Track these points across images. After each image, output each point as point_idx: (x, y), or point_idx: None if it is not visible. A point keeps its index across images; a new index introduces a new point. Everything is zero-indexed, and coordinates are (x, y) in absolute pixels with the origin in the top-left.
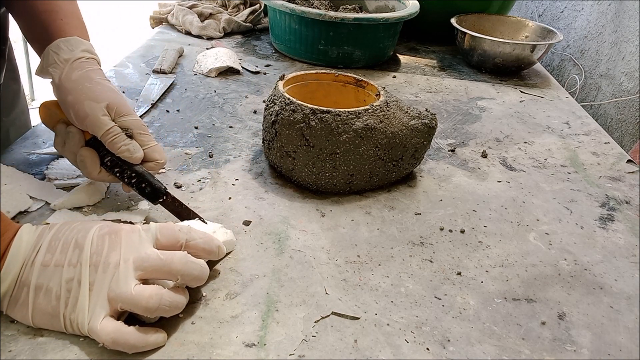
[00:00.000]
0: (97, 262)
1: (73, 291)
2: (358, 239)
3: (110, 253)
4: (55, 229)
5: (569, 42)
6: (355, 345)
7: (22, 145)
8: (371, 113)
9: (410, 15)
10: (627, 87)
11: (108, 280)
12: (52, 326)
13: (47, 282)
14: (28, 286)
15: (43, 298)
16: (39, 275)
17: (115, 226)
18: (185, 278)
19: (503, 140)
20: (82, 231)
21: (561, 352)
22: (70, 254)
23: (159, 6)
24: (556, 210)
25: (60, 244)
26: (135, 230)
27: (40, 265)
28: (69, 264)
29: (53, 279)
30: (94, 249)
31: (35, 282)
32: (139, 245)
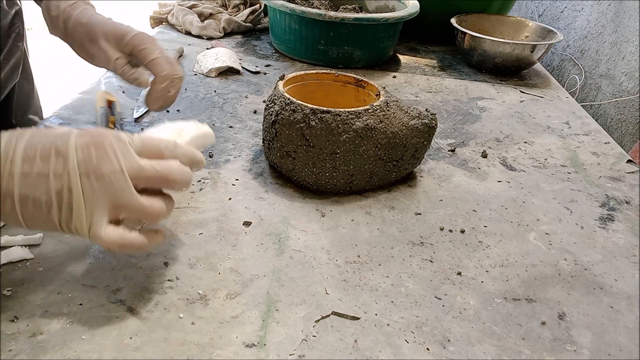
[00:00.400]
0: (87, 171)
1: (65, 199)
2: (358, 239)
3: (101, 163)
4: (26, 137)
5: (569, 42)
6: (355, 345)
7: None
8: (371, 113)
9: (410, 15)
10: (627, 87)
11: (105, 189)
12: (47, 229)
13: (32, 193)
14: (12, 197)
15: (32, 207)
16: (22, 186)
17: (95, 135)
18: (181, 186)
19: (503, 140)
20: (60, 139)
21: (561, 352)
22: (54, 163)
23: (159, 6)
24: (556, 210)
25: (37, 152)
26: (120, 140)
27: (21, 176)
28: (55, 174)
29: (39, 188)
30: (81, 157)
31: (18, 193)
32: (129, 157)
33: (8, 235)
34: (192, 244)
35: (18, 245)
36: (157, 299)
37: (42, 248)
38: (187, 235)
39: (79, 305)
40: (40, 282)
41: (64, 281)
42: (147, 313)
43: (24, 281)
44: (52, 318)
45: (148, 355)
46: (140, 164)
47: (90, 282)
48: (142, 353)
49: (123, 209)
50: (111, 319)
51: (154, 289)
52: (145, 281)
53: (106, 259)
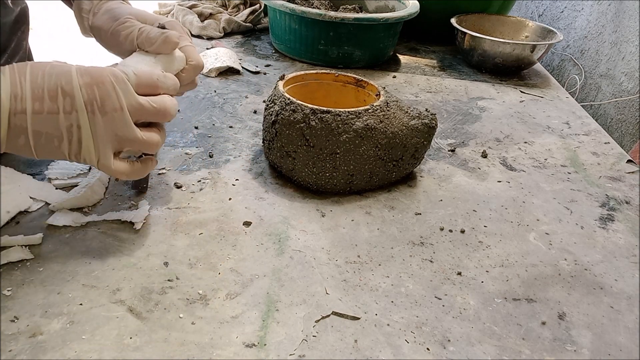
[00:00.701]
0: (93, 110)
1: (75, 135)
2: (358, 239)
3: (105, 101)
4: (29, 76)
5: (569, 42)
6: (355, 346)
7: None
8: (371, 113)
9: (410, 15)
10: (627, 87)
11: (109, 125)
12: (57, 158)
13: (45, 129)
14: (25, 133)
15: (44, 141)
16: (34, 123)
17: (95, 74)
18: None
19: (503, 140)
20: (63, 78)
21: (561, 352)
22: (62, 102)
23: (159, 6)
24: (556, 210)
25: (45, 92)
26: (119, 79)
27: (32, 114)
28: (64, 112)
29: (50, 125)
30: (87, 97)
31: (31, 129)
32: (129, 94)
33: (8, 235)
34: (192, 244)
35: (18, 245)
36: (157, 299)
37: (42, 248)
38: (187, 235)
39: (79, 305)
40: (40, 282)
41: (64, 281)
42: (147, 313)
43: (24, 281)
44: (52, 318)
45: (148, 355)
46: (140, 102)
47: (90, 282)
48: (142, 353)
49: (126, 142)
50: (111, 319)
51: (154, 289)
52: (145, 281)
53: (106, 259)
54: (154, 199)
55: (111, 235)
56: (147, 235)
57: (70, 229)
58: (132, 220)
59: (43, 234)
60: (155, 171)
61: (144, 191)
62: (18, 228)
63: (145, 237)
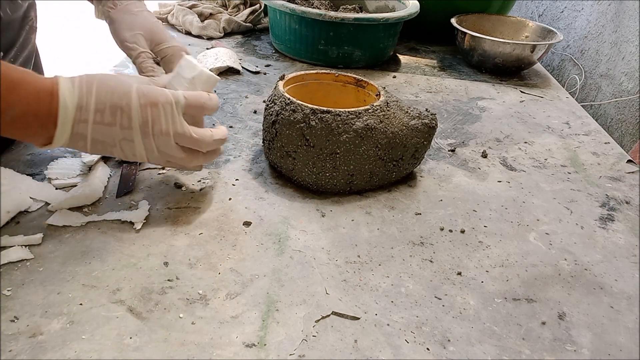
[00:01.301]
0: (146, 131)
1: (127, 146)
2: (358, 239)
3: (155, 125)
4: (95, 90)
5: (569, 42)
6: (355, 346)
7: (23, 145)
8: (371, 113)
9: (410, 15)
10: (627, 87)
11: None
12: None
13: (102, 138)
14: (85, 139)
15: (100, 147)
16: (94, 132)
17: (152, 97)
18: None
19: (503, 140)
20: (124, 97)
21: (561, 352)
22: (119, 118)
23: (159, 6)
24: (556, 210)
25: (107, 107)
26: (169, 104)
27: (93, 124)
28: (121, 127)
29: (108, 135)
30: (141, 119)
31: (91, 136)
32: (175, 121)
33: (8, 236)
34: (192, 244)
35: (18, 245)
36: (157, 299)
37: (42, 248)
38: (187, 235)
39: (79, 305)
40: (40, 282)
41: (64, 281)
42: (147, 313)
43: (24, 281)
44: (52, 318)
45: (148, 355)
46: (182, 130)
47: (90, 282)
48: (142, 353)
49: (169, 158)
50: (111, 319)
51: (154, 289)
52: (145, 281)
53: (106, 259)
54: (154, 199)
55: (111, 235)
56: (147, 235)
57: (70, 229)
58: (132, 220)
59: (43, 234)
60: (155, 171)
61: (130, 192)
62: (18, 228)
63: (145, 237)
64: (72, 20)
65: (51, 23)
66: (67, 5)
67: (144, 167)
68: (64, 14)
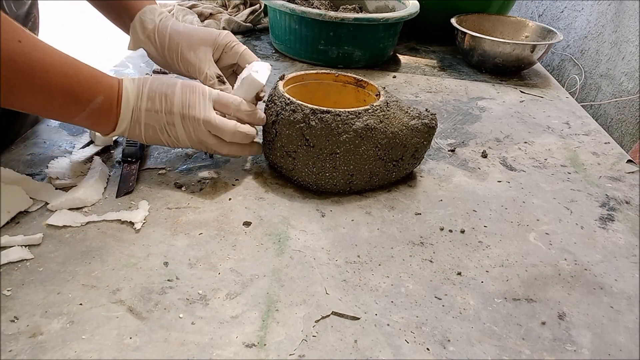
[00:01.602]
0: (184, 114)
1: (171, 130)
2: (358, 239)
3: (190, 110)
4: (149, 83)
5: (569, 42)
6: (355, 346)
7: (23, 145)
8: (371, 113)
9: (410, 15)
10: (627, 87)
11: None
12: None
13: (152, 122)
14: (140, 125)
15: (151, 132)
16: (146, 117)
17: (192, 86)
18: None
19: (503, 140)
20: (170, 87)
21: (561, 352)
22: (165, 104)
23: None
24: (556, 210)
25: (157, 95)
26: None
27: (145, 111)
28: (166, 112)
29: (156, 120)
30: (181, 104)
31: (144, 122)
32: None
33: (8, 236)
34: (192, 244)
35: (18, 245)
36: (157, 299)
37: (42, 248)
38: (187, 235)
39: (79, 305)
40: (40, 282)
41: (64, 281)
42: (147, 313)
43: (24, 281)
44: (52, 318)
45: (148, 355)
46: (208, 117)
47: (90, 282)
48: (142, 353)
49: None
50: (111, 319)
51: (154, 289)
52: (145, 281)
53: (106, 259)
54: (154, 199)
55: (111, 235)
56: (147, 235)
57: (70, 229)
58: (132, 220)
59: (43, 234)
60: (155, 171)
61: (130, 192)
62: (18, 228)
63: (145, 237)
64: (72, 20)
65: (51, 23)
66: (67, 5)
67: (144, 167)
68: (64, 14)
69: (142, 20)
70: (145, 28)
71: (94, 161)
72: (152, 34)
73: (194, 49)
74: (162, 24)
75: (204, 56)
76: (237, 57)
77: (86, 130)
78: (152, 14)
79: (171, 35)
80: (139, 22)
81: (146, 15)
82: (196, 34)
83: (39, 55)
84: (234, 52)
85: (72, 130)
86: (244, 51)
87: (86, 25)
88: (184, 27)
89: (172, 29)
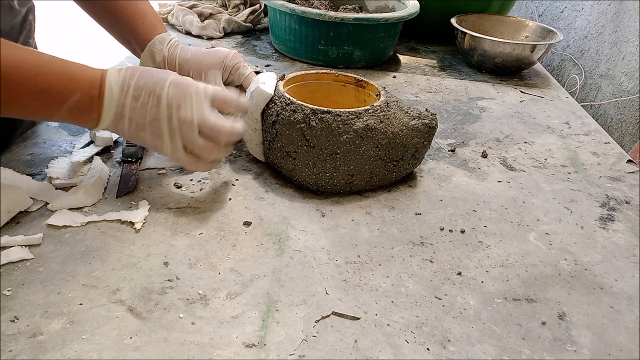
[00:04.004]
0: (170, 114)
1: (155, 128)
2: (358, 239)
3: (180, 110)
4: (137, 76)
5: (569, 42)
6: (355, 346)
7: (23, 145)
8: (371, 113)
9: (410, 15)
10: (627, 87)
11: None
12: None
13: (136, 118)
14: (124, 119)
15: (135, 127)
16: (131, 113)
17: (183, 86)
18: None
19: (503, 140)
20: (159, 84)
21: (561, 352)
22: (151, 101)
23: (159, 6)
24: (556, 210)
25: (143, 92)
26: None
27: (130, 107)
28: (151, 107)
29: (140, 116)
30: (168, 103)
31: (128, 116)
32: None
33: (8, 236)
34: (192, 244)
35: (18, 245)
36: (157, 299)
37: (42, 248)
38: (187, 235)
39: (79, 305)
40: (40, 282)
41: (64, 281)
42: (147, 313)
43: (24, 281)
44: (52, 318)
45: (148, 355)
46: (204, 118)
47: (90, 282)
48: (142, 353)
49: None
50: (111, 319)
51: (154, 289)
52: (145, 281)
53: (106, 259)
54: (154, 199)
55: (111, 235)
56: (147, 235)
57: (70, 229)
58: (132, 220)
59: (43, 234)
60: (155, 171)
61: (130, 192)
62: (18, 228)
63: (145, 237)
64: (71, 20)
65: (51, 23)
66: (67, 5)
67: (144, 167)
68: (63, 13)
69: (151, 51)
70: (155, 60)
71: (94, 161)
72: (161, 65)
73: (204, 74)
74: (171, 54)
75: (213, 80)
76: (242, 79)
77: (86, 130)
78: (161, 44)
79: (180, 64)
80: (149, 54)
81: (155, 47)
82: (204, 59)
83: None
84: (238, 74)
85: (72, 130)
86: (248, 75)
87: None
88: (192, 54)
89: (181, 58)
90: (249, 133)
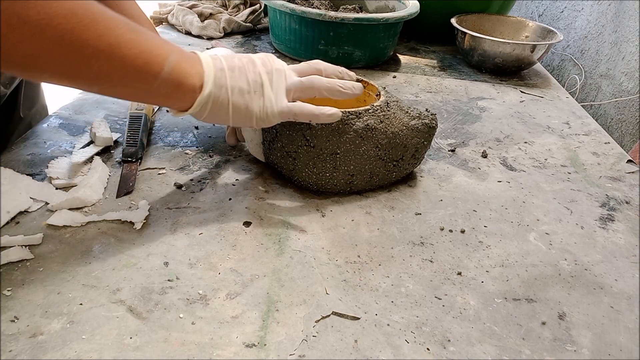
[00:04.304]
0: (270, 69)
1: (258, 86)
2: (358, 239)
3: (274, 64)
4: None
5: (569, 42)
6: (355, 346)
7: (23, 145)
8: (372, 113)
9: (410, 15)
10: (627, 87)
11: (281, 78)
12: (244, 124)
13: (238, 84)
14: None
15: (238, 96)
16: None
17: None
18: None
19: (503, 140)
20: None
21: (561, 352)
22: (248, 64)
23: (159, 6)
24: (556, 210)
25: (237, 69)
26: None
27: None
28: (249, 71)
29: (241, 80)
30: (263, 62)
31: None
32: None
33: (8, 236)
34: (192, 244)
35: (18, 245)
36: (157, 299)
37: (42, 248)
38: (187, 235)
39: (79, 305)
40: (40, 282)
41: (64, 281)
42: (147, 313)
43: (24, 281)
44: (52, 318)
45: (148, 355)
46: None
47: (90, 282)
48: (142, 353)
49: (293, 89)
50: (111, 319)
51: (154, 289)
52: (145, 281)
53: (106, 258)
54: (154, 199)
55: (111, 235)
56: (147, 235)
57: (70, 229)
58: (132, 220)
59: (43, 234)
60: (155, 171)
61: (130, 192)
62: (18, 228)
63: (145, 237)
64: None
65: None
66: None
67: (144, 167)
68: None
69: None
70: None
71: (94, 161)
72: None
73: None
74: None
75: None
76: None
77: (86, 130)
78: None
79: None
80: None
81: None
82: None
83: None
84: None
85: (72, 130)
86: None
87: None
88: None
89: None
90: (249, 133)
